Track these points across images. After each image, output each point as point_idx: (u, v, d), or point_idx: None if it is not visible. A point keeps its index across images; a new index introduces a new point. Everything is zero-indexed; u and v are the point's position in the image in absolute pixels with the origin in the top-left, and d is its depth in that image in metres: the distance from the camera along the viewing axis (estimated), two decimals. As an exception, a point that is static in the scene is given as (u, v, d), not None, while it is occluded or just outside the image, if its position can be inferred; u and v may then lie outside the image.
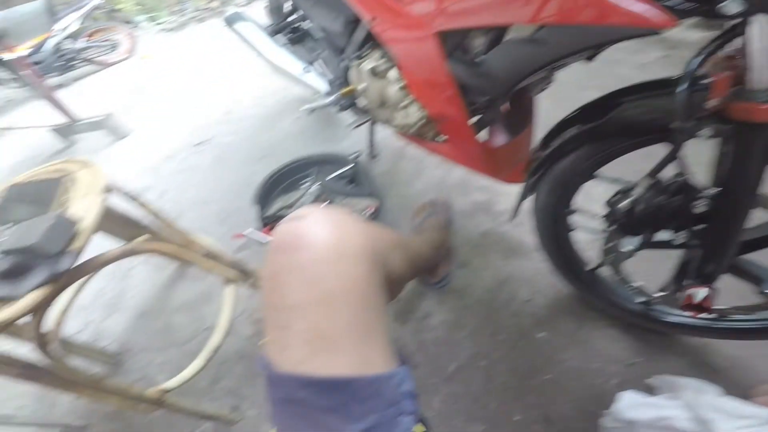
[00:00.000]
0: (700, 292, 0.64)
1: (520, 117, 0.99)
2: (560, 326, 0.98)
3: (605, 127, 0.66)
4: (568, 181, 0.76)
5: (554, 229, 0.86)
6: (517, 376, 0.91)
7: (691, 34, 1.81)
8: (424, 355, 0.99)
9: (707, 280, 0.65)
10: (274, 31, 1.54)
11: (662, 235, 0.69)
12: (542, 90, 0.94)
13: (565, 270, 0.94)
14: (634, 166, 0.67)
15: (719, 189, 0.59)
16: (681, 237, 0.67)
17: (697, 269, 0.66)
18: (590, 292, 0.93)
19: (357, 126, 1.27)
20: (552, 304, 1.02)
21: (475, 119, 0.96)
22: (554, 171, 0.76)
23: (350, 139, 1.76)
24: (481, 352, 0.97)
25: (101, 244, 0.71)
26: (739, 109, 0.51)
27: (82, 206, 0.67)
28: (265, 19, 1.65)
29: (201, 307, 1.26)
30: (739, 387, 0.78)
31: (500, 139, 1.00)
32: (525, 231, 1.19)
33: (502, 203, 1.31)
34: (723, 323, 0.79)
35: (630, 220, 0.64)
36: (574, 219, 0.83)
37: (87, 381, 0.72)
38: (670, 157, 0.59)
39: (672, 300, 0.72)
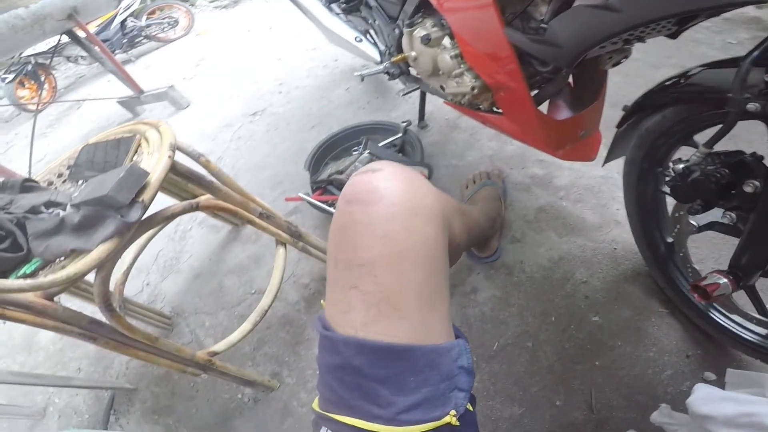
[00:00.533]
0: (717, 278, 0.59)
1: (587, 91, 0.92)
2: (616, 311, 0.92)
3: (681, 93, 0.62)
4: (654, 140, 0.71)
5: (638, 186, 0.81)
6: (564, 360, 0.87)
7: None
8: (468, 330, 0.97)
9: (739, 272, 0.59)
10: (330, 0, 1.53)
11: (715, 213, 0.64)
12: (617, 63, 0.87)
13: (644, 235, 0.88)
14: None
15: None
16: (728, 218, 0.61)
17: (733, 257, 0.60)
18: (660, 267, 0.87)
19: (406, 94, 1.25)
20: (609, 288, 0.96)
21: (535, 91, 0.91)
22: (642, 126, 0.72)
23: (400, 109, 1.74)
24: (528, 331, 0.94)
25: (163, 204, 0.74)
26: None
27: (151, 161, 0.70)
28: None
29: (251, 271, 1.31)
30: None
31: (563, 113, 0.94)
32: (585, 207, 1.13)
33: (562, 178, 1.23)
34: None
35: (683, 186, 0.59)
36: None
37: (145, 339, 0.74)
38: (725, 129, 0.54)
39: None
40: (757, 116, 0.51)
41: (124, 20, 3.96)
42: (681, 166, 0.59)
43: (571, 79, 0.96)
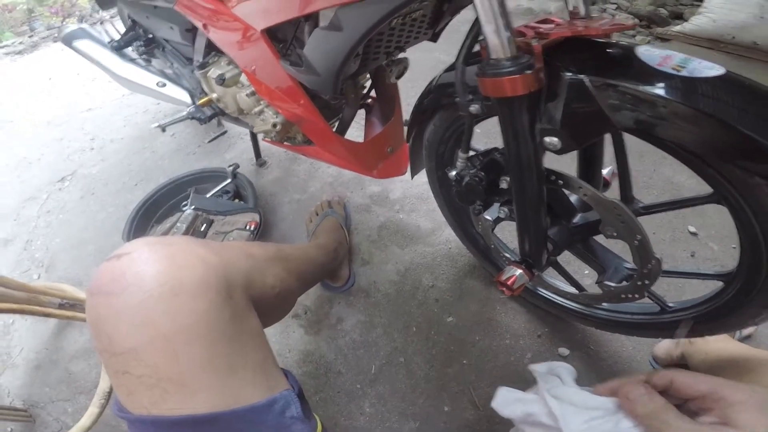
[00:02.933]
0: (513, 270, 0.63)
1: (387, 107, 0.96)
2: (465, 307, 0.98)
3: (433, 100, 0.65)
4: (436, 148, 0.75)
5: (441, 192, 0.86)
6: (436, 367, 0.90)
7: (552, 4, 1.88)
8: (345, 360, 0.95)
9: (528, 258, 0.63)
10: (120, 46, 1.37)
11: (495, 210, 0.68)
12: (400, 75, 0.91)
13: (463, 234, 0.94)
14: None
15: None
16: (503, 212, 0.66)
17: (519, 247, 0.64)
18: (485, 259, 0.93)
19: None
20: (454, 286, 1.02)
21: (339, 116, 0.92)
22: (424, 137, 0.75)
23: (235, 149, 1.64)
24: (397, 348, 0.95)
25: None
26: (482, 84, 0.46)
27: None
28: (114, 34, 1.47)
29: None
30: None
31: (377, 129, 0.97)
32: (419, 216, 1.19)
33: (396, 191, 1.29)
34: (594, 311, 0.78)
35: (460, 190, 0.61)
36: None
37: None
38: (467, 132, 0.57)
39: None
40: (486, 116, 0.54)
41: None
42: (453, 173, 0.62)
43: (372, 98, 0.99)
